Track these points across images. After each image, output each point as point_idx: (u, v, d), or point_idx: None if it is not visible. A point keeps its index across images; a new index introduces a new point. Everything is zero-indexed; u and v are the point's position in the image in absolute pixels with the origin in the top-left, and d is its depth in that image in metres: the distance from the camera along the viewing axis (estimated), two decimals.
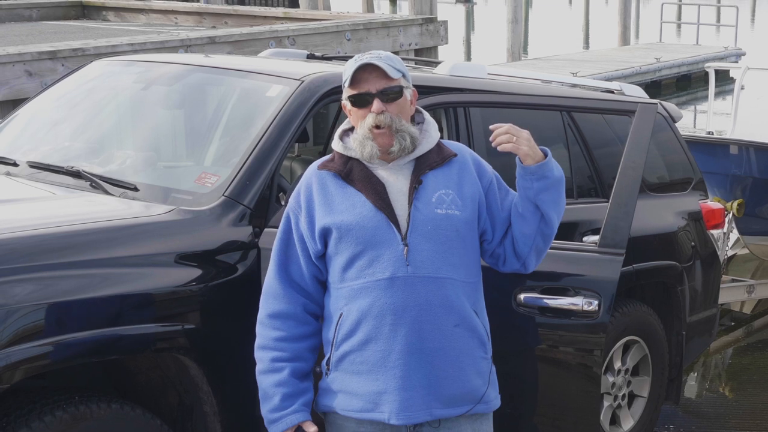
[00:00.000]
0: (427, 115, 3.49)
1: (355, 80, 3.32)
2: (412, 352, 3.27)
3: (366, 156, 3.33)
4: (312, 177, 3.43)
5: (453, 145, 3.50)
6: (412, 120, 3.41)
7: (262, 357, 3.40)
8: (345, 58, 6.18)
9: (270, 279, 3.44)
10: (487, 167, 3.51)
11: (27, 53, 11.61)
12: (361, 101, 3.33)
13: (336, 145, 3.43)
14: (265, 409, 3.38)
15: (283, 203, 4.16)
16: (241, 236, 4.04)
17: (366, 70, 3.32)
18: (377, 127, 3.29)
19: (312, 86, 4.46)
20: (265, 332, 3.41)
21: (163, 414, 3.93)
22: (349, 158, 3.38)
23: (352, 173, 3.36)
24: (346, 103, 3.39)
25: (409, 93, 3.39)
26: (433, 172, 3.36)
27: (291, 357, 3.36)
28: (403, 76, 3.37)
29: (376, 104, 3.29)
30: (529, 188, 3.42)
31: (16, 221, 3.74)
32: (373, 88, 3.31)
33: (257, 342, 3.42)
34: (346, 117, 3.46)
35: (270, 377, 3.36)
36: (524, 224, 3.46)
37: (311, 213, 3.36)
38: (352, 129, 3.41)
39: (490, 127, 3.44)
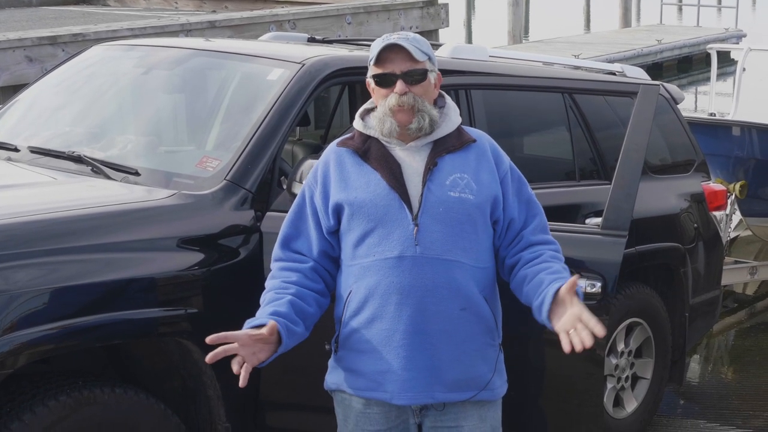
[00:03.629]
0: (448, 99, 3.48)
1: (380, 60, 3.32)
2: (417, 333, 3.27)
3: (385, 132, 3.32)
4: (330, 153, 3.43)
5: (473, 132, 3.48)
6: (435, 104, 3.40)
7: (265, 298, 3.34)
8: (345, 42, 6.18)
9: (276, 248, 3.44)
10: (505, 157, 3.48)
11: (27, 39, 11.62)
12: (384, 81, 3.32)
13: (357, 123, 3.43)
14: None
15: (284, 187, 4.16)
16: (243, 220, 4.04)
17: (392, 50, 3.31)
18: (399, 107, 3.29)
19: (313, 70, 4.45)
20: (272, 282, 3.37)
21: (167, 398, 3.92)
22: (369, 137, 3.38)
23: (370, 151, 3.36)
24: (370, 81, 3.38)
25: (433, 77, 3.38)
26: (450, 156, 3.35)
27: (294, 293, 3.31)
28: (429, 59, 3.36)
29: (400, 85, 3.29)
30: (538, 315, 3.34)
31: (18, 206, 3.74)
32: (398, 69, 3.30)
33: (264, 292, 3.37)
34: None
35: (267, 305, 3.29)
36: (517, 294, 3.45)
37: (326, 188, 3.37)
38: (373, 109, 3.41)
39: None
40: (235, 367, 3.10)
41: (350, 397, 3.40)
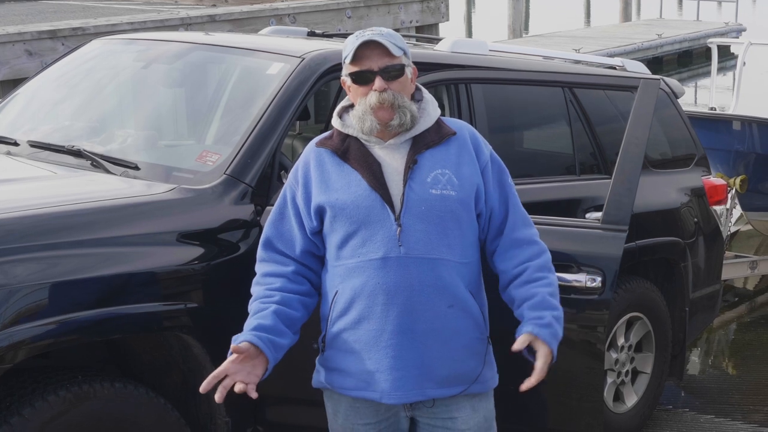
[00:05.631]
0: (426, 92, 3.45)
1: (356, 57, 3.28)
2: (405, 333, 3.25)
3: (366, 130, 3.29)
4: (310, 153, 3.40)
5: (453, 123, 3.44)
6: (412, 98, 3.37)
7: (251, 308, 3.34)
8: (345, 36, 6.16)
9: (259, 249, 3.43)
10: (485, 147, 3.44)
11: (27, 33, 11.61)
12: (362, 78, 3.28)
13: (335, 122, 3.40)
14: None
15: (284, 181, 4.15)
16: (243, 215, 4.03)
17: (368, 47, 3.27)
18: (379, 104, 3.25)
19: (312, 64, 4.44)
20: (257, 289, 3.38)
21: (167, 393, 3.93)
22: (347, 136, 3.35)
23: (349, 151, 3.32)
24: (346, 80, 3.34)
25: (409, 71, 3.34)
26: (430, 151, 3.32)
27: (278, 300, 3.30)
28: (404, 53, 3.32)
29: (378, 82, 3.25)
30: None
31: (18, 201, 3.73)
32: (375, 66, 3.26)
33: (250, 300, 3.37)
34: (347, 94, 3.42)
35: (252, 318, 3.29)
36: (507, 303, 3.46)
37: (308, 189, 3.34)
38: (351, 106, 3.38)
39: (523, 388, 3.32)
40: (237, 389, 3.15)
41: (338, 395, 3.40)
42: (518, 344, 3.28)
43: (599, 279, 4.20)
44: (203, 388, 3.15)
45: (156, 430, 3.75)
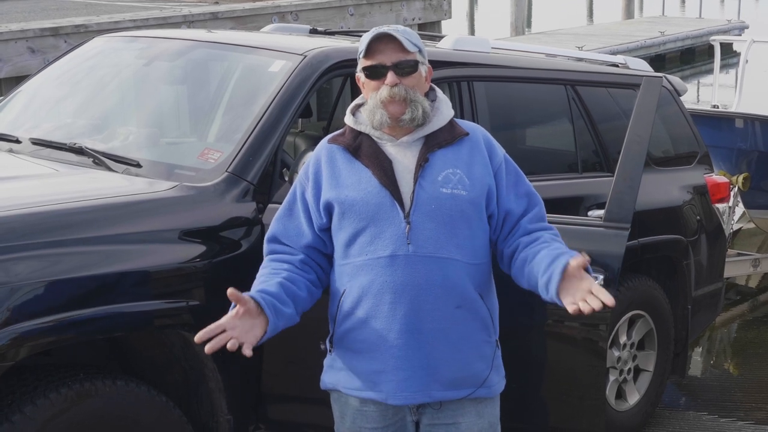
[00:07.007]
0: (440, 92, 3.43)
1: (370, 51, 3.27)
2: (411, 332, 3.23)
3: (376, 124, 3.27)
4: (322, 150, 3.39)
5: (466, 125, 3.42)
6: (425, 96, 3.34)
7: (255, 283, 3.29)
8: (348, 33, 6.16)
9: (265, 243, 3.40)
10: (499, 149, 3.42)
11: (29, 30, 11.62)
12: (375, 73, 3.27)
13: (348, 119, 3.39)
14: None
15: (286, 179, 4.15)
16: (245, 212, 4.03)
17: (382, 41, 3.26)
18: (390, 98, 3.23)
19: (315, 61, 4.43)
20: (262, 271, 3.34)
21: (169, 391, 3.92)
22: (360, 133, 3.34)
23: (361, 148, 3.31)
24: (360, 75, 3.33)
25: (424, 69, 3.33)
26: (442, 151, 3.29)
27: (285, 276, 3.26)
28: (420, 51, 3.30)
29: (390, 77, 3.24)
30: (544, 293, 3.26)
31: (20, 198, 3.73)
32: (388, 61, 3.25)
33: (255, 280, 3.33)
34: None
35: (255, 286, 3.24)
36: (518, 279, 3.37)
37: (318, 185, 3.33)
38: (364, 104, 3.35)
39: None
40: (229, 345, 3.02)
41: (346, 397, 3.38)
42: (579, 261, 3.09)
43: (601, 277, 4.18)
44: (198, 338, 3.01)
45: (158, 427, 3.75)
